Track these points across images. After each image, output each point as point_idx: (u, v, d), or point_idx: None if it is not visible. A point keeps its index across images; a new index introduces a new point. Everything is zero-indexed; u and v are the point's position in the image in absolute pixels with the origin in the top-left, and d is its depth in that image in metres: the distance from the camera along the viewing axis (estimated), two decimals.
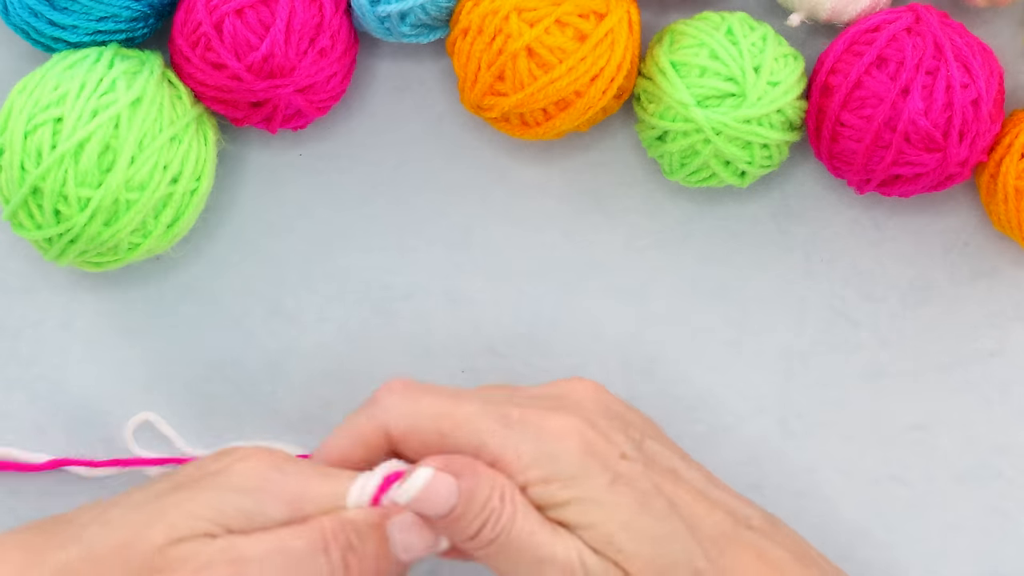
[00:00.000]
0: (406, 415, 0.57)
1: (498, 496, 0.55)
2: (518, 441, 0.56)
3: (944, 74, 0.62)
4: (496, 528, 0.54)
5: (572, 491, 0.55)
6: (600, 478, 0.56)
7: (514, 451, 0.56)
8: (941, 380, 0.68)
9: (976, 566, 0.68)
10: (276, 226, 0.69)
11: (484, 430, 0.56)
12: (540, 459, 0.55)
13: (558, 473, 0.55)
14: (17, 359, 0.69)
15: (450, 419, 0.57)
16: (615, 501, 0.55)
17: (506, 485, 0.55)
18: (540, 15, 0.63)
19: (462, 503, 0.54)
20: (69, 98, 0.63)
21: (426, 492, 0.54)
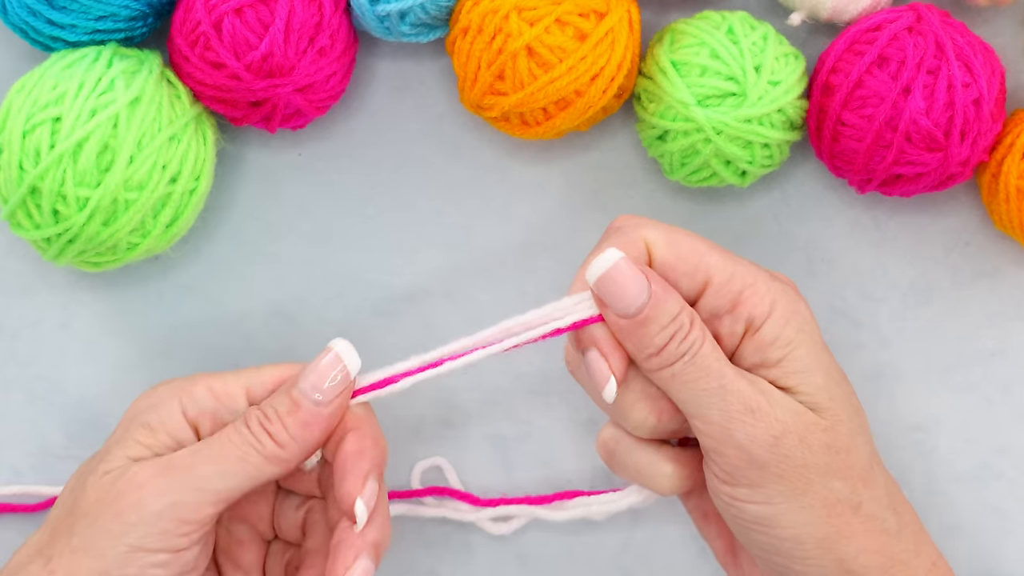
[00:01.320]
0: (664, 232, 0.58)
1: (688, 316, 0.57)
2: (767, 278, 0.58)
3: (945, 73, 0.62)
4: (683, 345, 0.56)
5: (806, 334, 0.57)
6: (820, 336, 0.58)
7: (765, 283, 0.57)
8: (942, 380, 0.68)
9: (976, 566, 0.68)
10: (276, 226, 0.69)
11: (737, 259, 0.58)
12: (785, 298, 0.58)
13: (798, 313, 0.58)
14: (15, 359, 0.69)
15: (705, 242, 0.58)
16: (830, 360, 0.58)
17: (696, 314, 0.57)
18: (540, 14, 0.63)
19: (651, 305, 0.56)
20: (68, 97, 0.63)
21: (615, 275, 0.56)
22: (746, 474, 0.56)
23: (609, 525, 0.69)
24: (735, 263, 0.58)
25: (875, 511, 0.57)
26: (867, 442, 0.59)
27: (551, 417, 0.69)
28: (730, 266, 0.58)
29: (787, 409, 0.57)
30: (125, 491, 0.56)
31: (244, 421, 0.57)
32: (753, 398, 0.56)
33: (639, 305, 0.56)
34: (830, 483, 0.56)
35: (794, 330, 0.57)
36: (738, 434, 0.56)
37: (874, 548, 0.57)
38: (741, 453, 0.56)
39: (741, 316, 0.57)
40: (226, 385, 0.58)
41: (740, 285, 0.57)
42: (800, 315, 0.58)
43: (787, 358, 0.57)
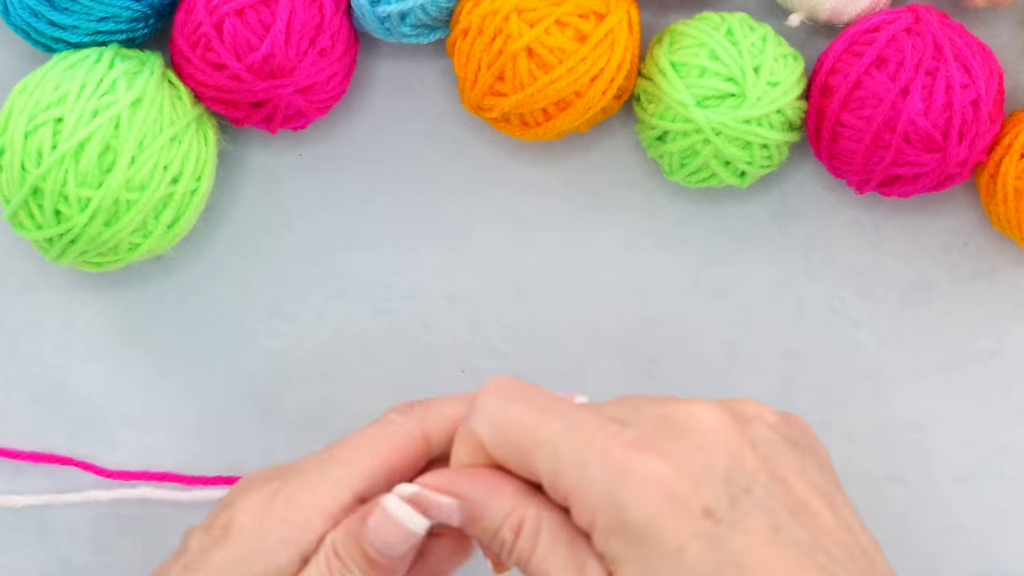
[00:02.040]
0: (493, 424, 0.53)
1: (511, 528, 0.52)
2: (591, 479, 0.50)
3: (944, 74, 0.62)
4: (511, 557, 0.52)
5: (635, 549, 0.49)
6: (669, 542, 0.49)
7: (585, 489, 0.50)
8: (941, 380, 0.68)
9: (976, 566, 0.68)
10: (276, 226, 0.69)
11: (562, 456, 0.51)
12: (609, 506, 0.50)
13: (624, 527, 0.49)
14: (17, 359, 0.70)
15: (531, 436, 0.52)
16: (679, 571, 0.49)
17: (529, 517, 0.52)
18: (540, 15, 0.63)
19: (468, 525, 0.53)
20: (69, 98, 0.63)
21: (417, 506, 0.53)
22: None
23: None
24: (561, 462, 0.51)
25: None
26: None
27: None
28: (554, 466, 0.51)
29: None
30: None
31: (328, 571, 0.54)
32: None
33: (456, 524, 0.53)
34: None
35: (620, 545, 0.49)
36: None
37: None
38: None
39: (575, 520, 0.51)
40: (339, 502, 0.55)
41: (563, 490, 0.51)
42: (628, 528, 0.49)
43: (632, 559, 0.49)
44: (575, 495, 0.50)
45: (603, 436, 0.51)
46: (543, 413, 0.52)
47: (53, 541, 0.69)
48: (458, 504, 0.53)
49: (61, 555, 0.69)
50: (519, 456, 0.52)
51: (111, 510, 0.69)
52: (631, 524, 0.49)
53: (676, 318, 0.69)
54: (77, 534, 0.69)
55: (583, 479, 0.50)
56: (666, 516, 0.49)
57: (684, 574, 0.49)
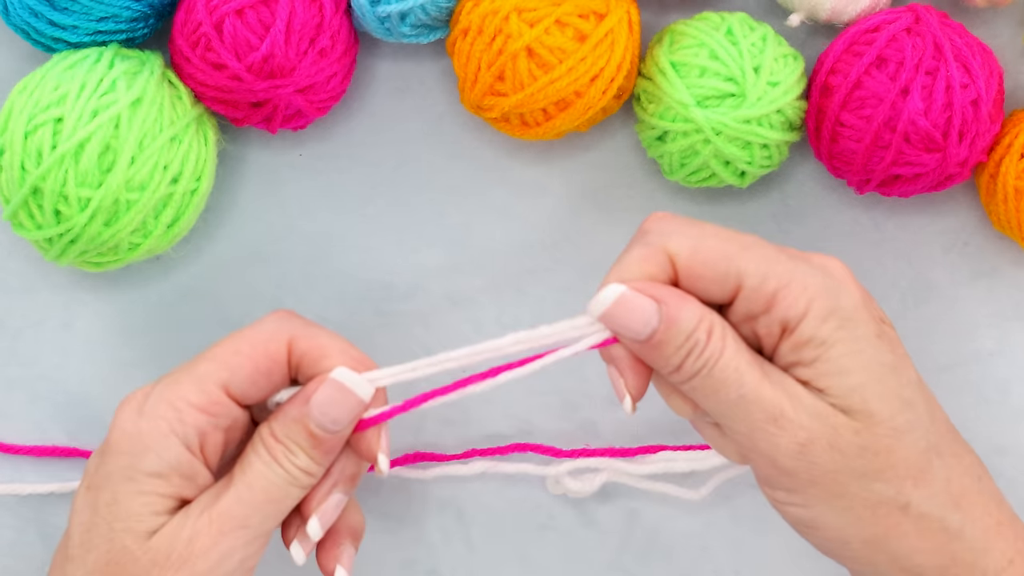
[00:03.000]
0: (690, 237, 0.56)
1: (705, 329, 0.55)
2: (805, 273, 0.55)
3: (944, 74, 0.62)
4: (699, 361, 0.55)
5: (846, 331, 0.55)
6: (870, 326, 0.56)
7: (801, 281, 0.55)
8: (941, 380, 0.68)
9: None
10: (276, 226, 0.69)
11: (772, 257, 0.56)
12: (826, 292, 0.55)
13: (838, 309, 0.55)
14: (18, 359, 0.70)
15: (735, 243, 0.56)
16: (877, 354, 0.56)
17: (716, 322, 0.55)
18: (540, 15, 0.63)
19: (663, 329, 0.55)
20: (69, 98, 0.63)
21: (620, 308, 0.55)
22: (779, 480, 0.56)
23: (609, 525, 0.69)
24: (769, 262, 0.55)
25: (929, 509, 0.56)
26: (920, 438, 0.56)
27: (550, 416, 0.69)
28: (763, 267, 0.55)
29: (814, 414, 0.55)
30: (190, 557, 0.55)
31: (272, 458, 0.57)
32: (776, 406, 0.55)
33: (648, 332, 0.55)
34: (869, 485, 0.55)
35: (831, 328, 0.55)
36: (762, 444, 0.55)
37: (929, 547, 0.56)
38: (768, 461, 0.55)
39: (776, 317, 0.55)
40: (208, 395, 0.57)
41: (773, 286, 0.55)
42: (841, 311, 0.55)
43: (821, 358, 0.55)
44: (790, 288, 0.55)
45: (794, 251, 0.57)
46: (733, 231, 0.57)
47: (53, 541, 0.69)
48: (657, 307, 0.55)
49: None
50: (723, 263, 0.55)
51: None
52: (845, 308, 0.55)
53: None
54: None
55: (797, 274, 0.55)
56: (865, 310, 0.56)
57: (882, 356, 0.55)
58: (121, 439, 0.56)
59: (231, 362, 0.58)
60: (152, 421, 0.56)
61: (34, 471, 0.70)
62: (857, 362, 0.55)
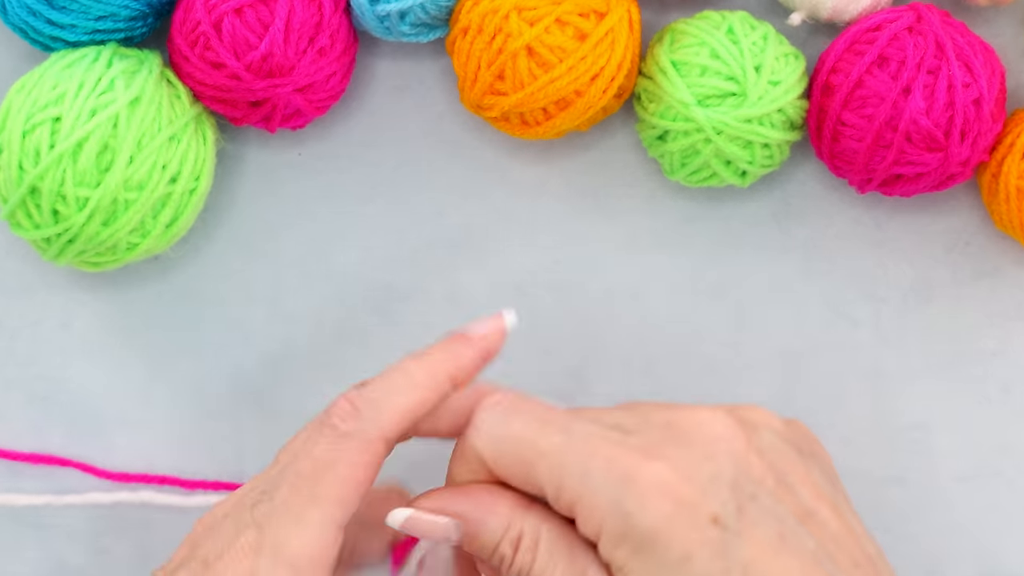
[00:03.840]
0: (493, 439, 0.53)
1: (510, 542, 0.52)
2: (597, 488, 0.50)
3: (946, 73, 0.62)
4: (512, 572, 0.52)
5: (640, 560, 0.49)
6: (675, 549, 0.49)
7: (591, 498, 0.50)
8: (942, 380, 0.68)
9: (976, 566, 0.68)
10: (275, 226, 0.69)
11: (566, 467, 0.51)
12: (616, 514, 0.50)
13: (630, 534, 0.49)
14: (15, 359, 0.69)
15: (534, 449, 0.52)
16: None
17: (528, 530, 0.52)
18: (540, 14, 0.63)
19: (466, 543, 0.53)
20: (67, 97, 0.63)
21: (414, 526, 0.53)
22: None
23: None
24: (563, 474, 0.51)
25: None
26: None
27: None
28: (556, 479, 0.51)
29: None
30: None
31: None
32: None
33: (454, 542, 0.53)
34: None
35: (624, 555, 0.49)
36: None
37: None
38: None
39: (581, 530, 0.51)
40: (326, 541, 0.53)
41: (567, 501, 0.51)
42: (634, 535, 0.49)
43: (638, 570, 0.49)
44: (580, 505, 0.50)
45: (607, 445, 0.50)
46: (544, 425, 0.52)
47: (51, 543, 0.69)
48: (455, 523, 0.53)
49: (59, 556, 0.69)
50: (522, 470, 0.52)
51: (109, 512, 0.69)
52: (638, 531, 0.49)
53: (676, 318, 0.69)
54: (75, 536, 0.69)
55: (588, 488, 0.50)
56: (674, 523, 0.49)
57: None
58: None
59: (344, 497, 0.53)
60: None
61: (32, 472, 0.69)
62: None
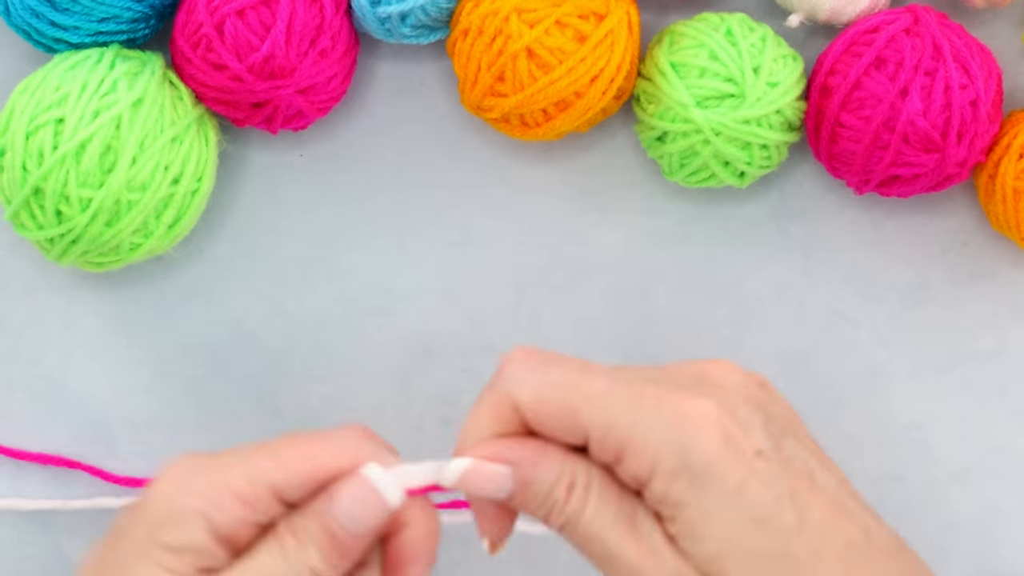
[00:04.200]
0: (532, 386, 0.53)
1: (564, 487, 0.52)
2: (650, 425, 0.51)
3: (943, 75, 0.62)
4: (561, 517, 0.53)
5: (697, 490, 0.51)
6: (730, 479, 0.51)
7: (644, 436, 0.51)
8: (939, 380, 0.68)
9: (975, 566, 0.68)
10: (277, 226, 0.69)
11: (614, 409, 0.52)
12: (672, 448, 0.51)
13: (688, 466, 0.51)
14: (18, 359, 0.70)
15: (578, 392, 0.52)
16: (737, 512, 0.51)
17: (580, 475, 0.53)
18: (540, 16, 0.63)
19: (519, 492, 0.53)
20: (71, 99, 0.63)
21: (470, 479, 0.53)
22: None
23: None
24: (612, 414, 0.51)
25: None
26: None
27: None
28: (605, 419, 0.51)
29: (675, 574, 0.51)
30: None
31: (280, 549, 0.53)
32: (638, 566, 0.51)
33: (505, 495, 0.53)
34: None
35: (681, 489, 0.50)
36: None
37: None
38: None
39: (627, 473, 0.52)
40: (254, 491, 0.53)
41: (617, 442, 0.51)
42: (690, 469, 0.50)
43: (677, 519, 0.51)
44: (632, 445, 0.51)
45: (652, 388, 0.52)
46: (584, 371, 0.53)
47: (54, 541, 0.69)
48: (510, 472, 0.53)
49: (62, 554, 0.69)
50: (566, 416, 0.52)
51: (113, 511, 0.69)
52: (695, 464, 0.50)
53: (676, 318, 0.69)
54: (78, 534, 0.69)
55: (640, 427, 0.51)
56: (726, 455, 0.51)
57: (745, 509, 0.50)
58: (155, 503, 0.54)
59: (290, 466, 0.53)
60: (188, 498, 0.53)
61: (37, 472, 0.70)
62: (712, 527, 0.51)
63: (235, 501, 0.53)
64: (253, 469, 0.54)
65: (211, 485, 0.54)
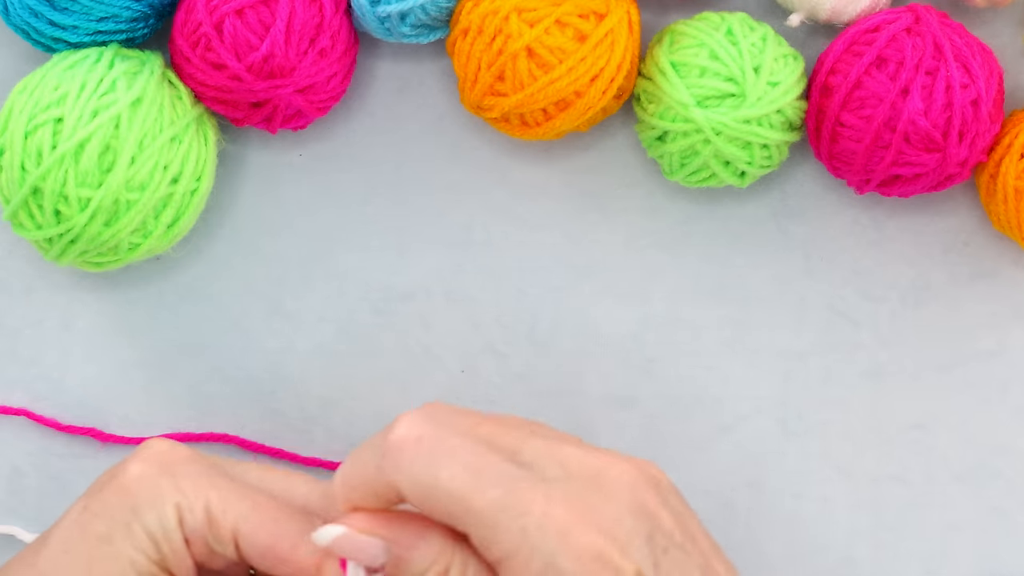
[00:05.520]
0: (421, 487, 0.52)
1: (438, 572, 0.52)
2: (532, 548, 0.50)
3: (944, 74, 0.62)
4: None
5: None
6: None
7: (525, 558, 0.50)
8: (941, 380, 0.68)
9: (976, 566, 0.68)
10: (276, 226, 0.69)
11: (499, 526, 0.51)
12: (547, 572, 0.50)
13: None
14: (17, 359, 0.70)
15: (464, 506, 0.51)
16: None
17: (456, 564, 0.52)
18: (540, 15, 0.63)
19: (392, 568, 0.53)
20: (69, 98, 0.63)
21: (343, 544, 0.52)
22: None
23: None
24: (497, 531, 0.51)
25: None
26: None
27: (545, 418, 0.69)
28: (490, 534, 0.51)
29: None
30: None
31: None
32: None
33: (378, 565, 0.52)
34: None
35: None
36: None
37: None
38: None
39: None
40: (222, 515, 0.54)
41: (500, 553, 0.51)
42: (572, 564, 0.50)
43: None
44: (513, 560, 0.51)
45: (541, 499, 0.51)
46: (476, 477, 0.51)
47: None
48: (384, 546, 0.52)
49: None
50: (450, 520, 0.52)
51: None
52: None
53: (676, 318, 0.69)
54: None
55: (523, 547, 0.50)
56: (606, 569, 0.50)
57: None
58: (138, 480, 0.54)
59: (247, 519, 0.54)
60: (173, 489, 0.54)
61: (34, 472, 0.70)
62: None
63: (204, 515, 0.54)
64: (225, 501, 0.54)
65: (187, 484, 0.54)
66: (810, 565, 0.67)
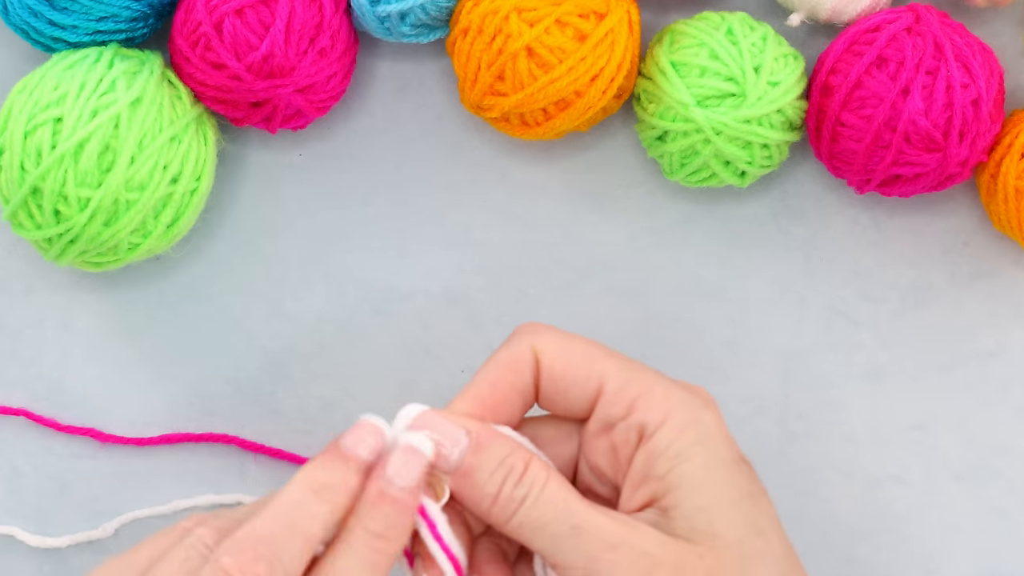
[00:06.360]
0: (556, 338, 0.55)
1: (521, 458, 0.53)
2: (668, 385, 0.54)
3: (944, 74, 0.62)
4: (520, 488, 0.52)
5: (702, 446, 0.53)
6: (728, 452, 0.54)
7: (663, 391, 0.54)
8: (941, 380, 0.68)
9: (976, 566, 0.68)
10: (276, 226, 0.69)
11: (635, 366, 0.55)
12: (685, 406, 0.54)
13: (698, 424, 0.54)
14: (17, 359, 0.70)
15: (602, 348, 0.55)
16: (732, 477, 0.53)
17: (535, 457, 0.53)
18: (540, 15, 0.63)
19: (472, 451, 0.52)
20: (69, 98, 0.63)
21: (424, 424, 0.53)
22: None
23: None
24: (632, 370, 0.54)
25: None
26: (771, 569, 0.53)
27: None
28: (625, 372, 0.54)
29: (654, 539, 0.52)
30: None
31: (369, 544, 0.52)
32: (615, 533, 0.52)
33: (456, 456, 0.53)
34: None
35: (688, 441, 0.53)
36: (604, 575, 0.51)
37: None
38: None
39: (634, 423, 0.54)
40: None
41: (635, 391, 0.54)
42: (700, 427, 0.54)
43: (673, 471, 0.53)
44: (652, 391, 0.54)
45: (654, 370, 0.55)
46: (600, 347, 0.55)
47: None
48: (463, 432, 0.53)
49: (60, 554, 0.69)
50: (587, 364, 0.54)
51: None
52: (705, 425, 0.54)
53: (676, 318, 0.69)
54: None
55: (660, 383, 0.54)
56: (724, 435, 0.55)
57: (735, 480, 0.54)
58: None
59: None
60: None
61: (34, 472, 0.70)
62: (710, 480, 0.53)
63: None
64: None
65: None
66: (811, 565, 0.67)
